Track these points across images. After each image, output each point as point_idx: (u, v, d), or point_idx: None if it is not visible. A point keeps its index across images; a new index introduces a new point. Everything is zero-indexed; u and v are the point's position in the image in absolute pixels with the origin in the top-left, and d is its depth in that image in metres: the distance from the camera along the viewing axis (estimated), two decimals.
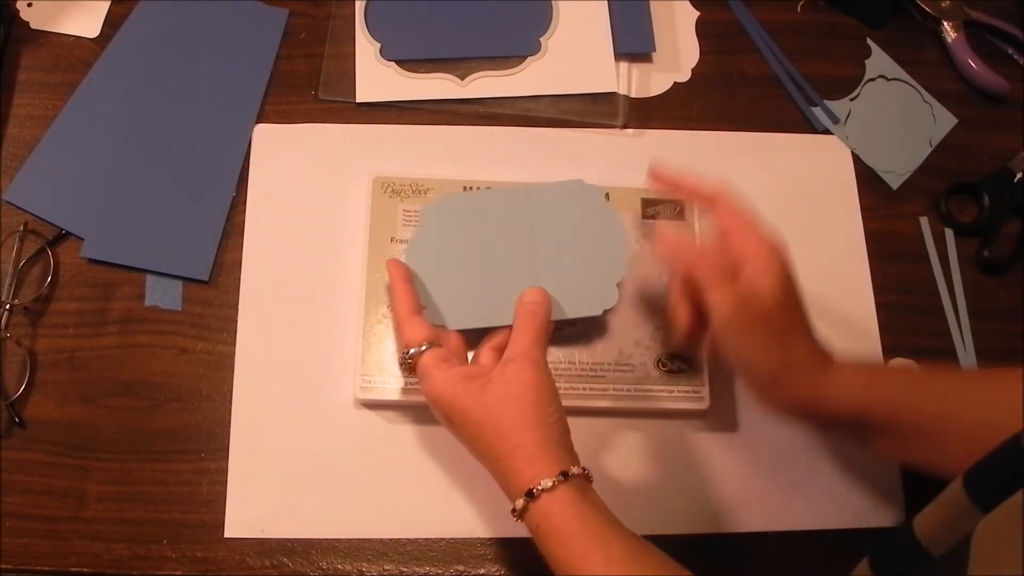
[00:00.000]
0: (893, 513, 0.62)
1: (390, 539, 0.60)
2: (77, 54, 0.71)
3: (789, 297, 0.55)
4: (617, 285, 0.61)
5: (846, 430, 0.57)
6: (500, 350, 0.57)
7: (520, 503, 0.50)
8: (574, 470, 0.50)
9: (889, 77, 0.76)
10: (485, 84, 0.72)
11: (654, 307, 0.64)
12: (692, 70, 0.75)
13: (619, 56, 0.73)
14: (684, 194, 0.63)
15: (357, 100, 0.71)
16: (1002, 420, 0.50)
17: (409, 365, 0.56)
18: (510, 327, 0.57)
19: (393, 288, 0.59)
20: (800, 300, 0.56)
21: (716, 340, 0.56)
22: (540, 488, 0.49)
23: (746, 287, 0.54)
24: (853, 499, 0.63)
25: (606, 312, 0.61)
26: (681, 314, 0.59)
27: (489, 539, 0.60)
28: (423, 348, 0.56)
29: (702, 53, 0.75)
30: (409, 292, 0.59)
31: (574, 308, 0.60)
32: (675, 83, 0.74)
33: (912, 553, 0.44)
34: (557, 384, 0.61)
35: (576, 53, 0.73)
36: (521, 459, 0.51)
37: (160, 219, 0.66)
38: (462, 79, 0.72)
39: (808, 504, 0.63)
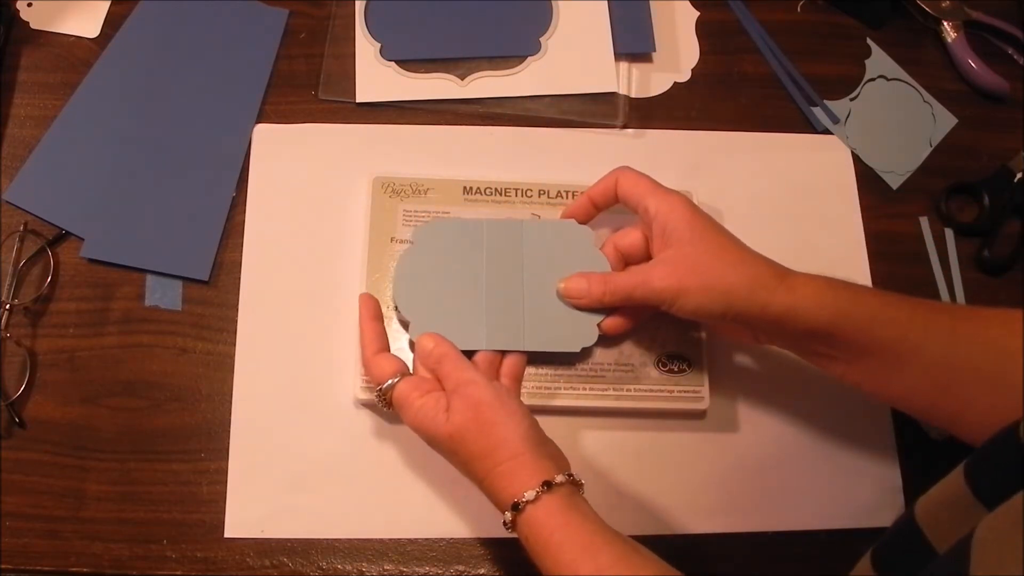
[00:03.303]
0: (893, 513, 0.62)
1: (390, 539, 0.60)
2: (77, 54, 0.71)
3: (706, 226, 0.56)
4: (598, 325, 0.61)
5: (814, 345, 0.55)
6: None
7: (508, 516, 0.51)
8: (558, 478, 0.50)
9: (889, 77, 0.76)
10: (485, 84, 0.72)
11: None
12: (692, 70, 0.75)
13: (619, 56, 0.73)
14: (599, 198, 0.62)
15: (357, 100, 0.71)
16: (963, 357, 0.51)
17: (385, 400, 0.57)
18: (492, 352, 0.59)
19: (361, 325, 0.60)
20: (724, 230, 0.57)
21: (667, 309, 0.57)
22: (524, 500, 0.50)
23: (659, 231, 0.56)
24: (853, 499, 0.63)
25: (584, 349, 0.61)
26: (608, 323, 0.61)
27: (489, 539, 0.60)
28: (395, 381, 0.56)
29: (702, 53, 0.75)
30: (375, 330, 0.59)
31: (553, 342, 0.60)
32: (675, 83, 0.74)
33: (914, 549, 0.44)
34: (557, 384, 0.62)
35: (576, 53, 0.73)
36: (501, 476, 0.51)
37: (160, 219, 0.66)
38: (462, 79, 0.72)
39: (808, 504, 0.63)
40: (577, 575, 0.48)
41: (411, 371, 0.58)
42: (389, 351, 0.59)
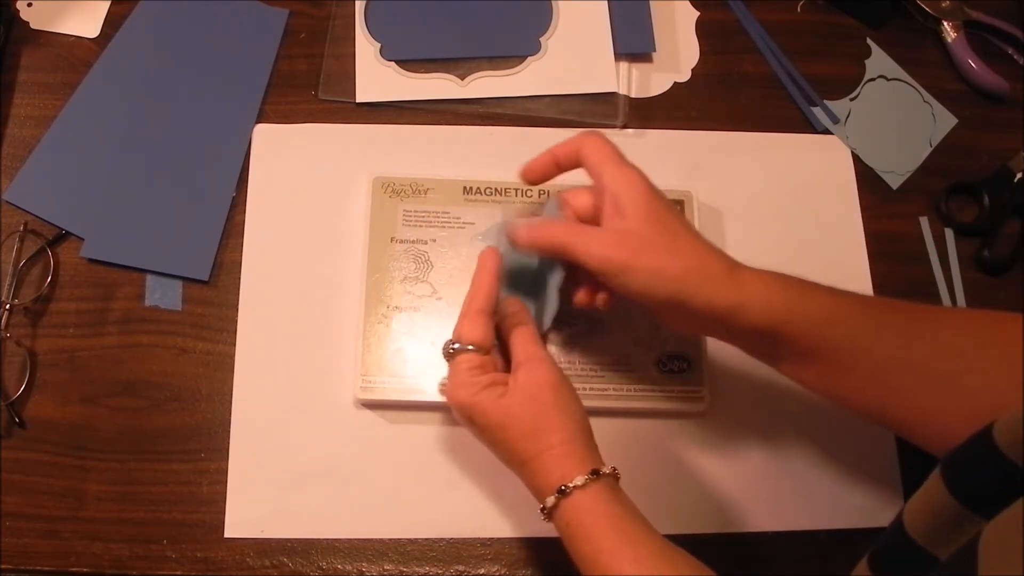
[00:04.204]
0: (893, 513, 0.62)
1: (390, 539, 0.60)
2: (77, 54, 0.71)
3: (663, 207, 0.54)
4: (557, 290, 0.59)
5: (758, 344, 0.54)
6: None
7: (551, 500, 0.50)
8: (605, 469, 0.50)
9: (889, 77, 0.76)
10: (485, 84, 0.72)
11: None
12: (692, 70, 0.75)
13: (619, 56, 0.73)
14: (563, 158, 0.58)
15: (357, 100, 0.71)
16: (914, 360, 0.50)
17: (449, 354, 0.56)
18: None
19: (477, 278, 0.57)
20: (680, 215, 0.55)
21: (616, 289, 0.54)
22: (572, 485, 0.50)
23: (611, 202, 0.54)
24: (853, 499, 0.63)
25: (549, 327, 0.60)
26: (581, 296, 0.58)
27: (489, 539, 0.60)
28: (468, 348, 0.54)
29: (702, 53, 0.75)
30: (489, 289, 0.56)
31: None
32: (675, 83, 0.74)
33: (908, 552, 0.44)
34: None
35: (576, 53, 0.73)
36: (551, 459, 0.51)
37: (160, 219, 0.66)
38: (462, 79, 0.72)
39: (808, 504, 0.63)
40: (615, 564, 0.48)
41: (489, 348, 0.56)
42: (491, 317, 0.56)
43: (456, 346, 0.55)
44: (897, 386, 0.51)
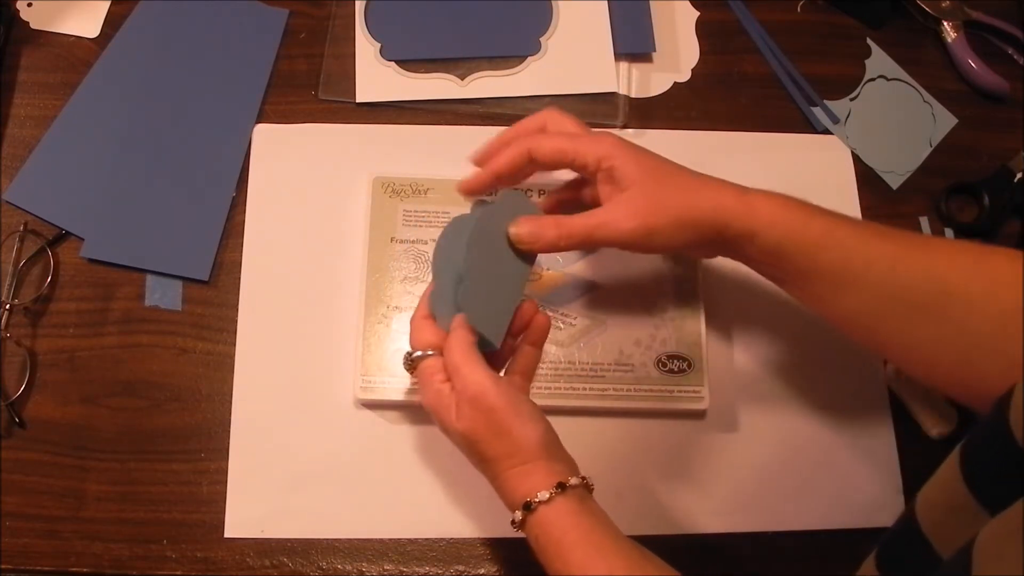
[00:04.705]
0: (893, 513, 0.62)
1: (390, 539, 0.60)
2: (77, 54, 0.71)
3: (652, 160, 0.55)
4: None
5: (765, 261, 0.55)
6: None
7: (519, 515, 0.50)
8: (572, 480, 0.50)
9: (889, 77, 0.76)
10: (485, 84, 0.72)
11: (654, 307, 0.64)
12: (692, 70, 0.75)
13: (619, 56, 0.73)
14: (505, 171, 0.58)
15: (357, 100, 0.71)
16: (902, 287, 0.51)
17: (410, 366, 0.55)
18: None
19: (430, 285, 0.57)
20: (668, 161, 0.56)
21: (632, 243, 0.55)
22: (537, 500, 0.49)
23: (605, 179, 0.55)
24: (853, 499, 0.63)
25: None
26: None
27: (489, 539, 0.60)
28: (428, 353, 0.54)
29: (702, 53, 0.75)
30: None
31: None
32: (675, 83, 0.74)
33: (919, 553, 0.44)
34: (557, 384, 0.62)
35: (576, 53, 0.73)
36: (515, 477, 0.50)
37: (160, 219, 0.66)
38: (462, 79, 0.72)
39: (808, 504, 0.63)
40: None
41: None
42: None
43: (417, 354, 0.54)
44: (884, 311, 0.52)
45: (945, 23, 0.77)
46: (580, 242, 0.56)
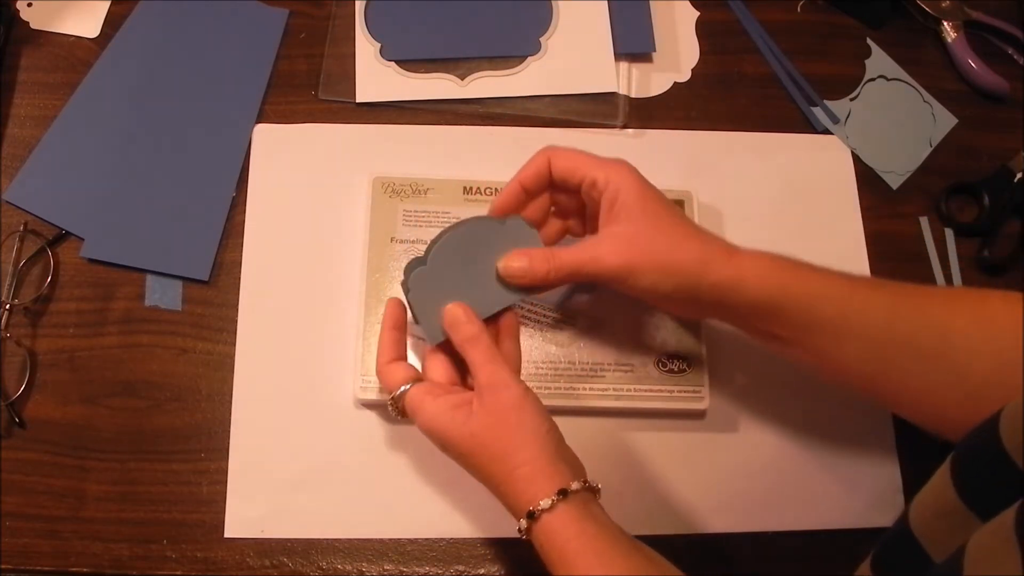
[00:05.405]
0: (893, 513, 0.62)
1: (390, 539, 0.60)
2: (77, 54, 0.71)
3: (655, 200, 0.55)
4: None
5: (755, 321, 0.55)
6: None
7: (523, 524, 0.50)
8: (574, 486, 0.49)
9: (889, 77, 0.76)
10: (485, 84, 0.72)
11: (654, 307, 0.64)
12: (692, 70, 0.75)
13: (619, 56, 0.73)
14: (530, 182, 0.58)
15: (357, 100, 0.71)
16: (901, 334, 0.51)
17: (398, 409, 0.56)
18: None
19: (381, 332, 0.57)
20: (671, 204, 0.56)
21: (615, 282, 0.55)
22: (539, 508, 0.49)
23: (608, 205, 0.55)
24: (853, 499, 0.63)
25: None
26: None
27: (489, 539, 0.60)
28: (407, 388, 0.54)
29: (702, 53, 0.75)
30: (392, 339, 0.57)
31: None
32: (675, 83, 0.74)
33: (912, 557, 0.44)
34: (557, 384, 0.62)
35: (576, 53, 0.73)
36: (518, 480, 0.50)
37: (160, 219, 0.66)
38: (462, 79, 0.72)
39: (808, 504, 0.63)
40: None
41: (421, 377, 0.56)
42: (405, 360, 0.57)
43: (395, 394, 0.55)
44: (886, 362, 0.52)
45: (945, 23, 0.77)
46: (569, 276, 0.56)
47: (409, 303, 0.56)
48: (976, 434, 0.41)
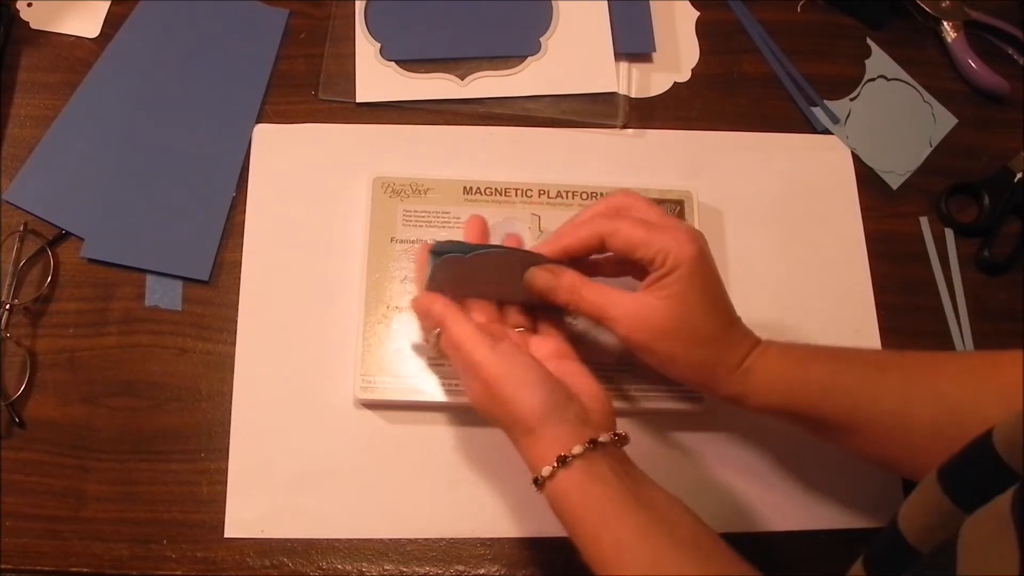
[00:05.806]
0: (893, 513, 0.62)
1: (390, 539, 0.60)
2: (77, 54, 0.71)
3: (697, 285, 0.54)
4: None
5: (770, 416, 0.57)
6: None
7: (547, 471, 0.50)
8: (575, 450, 0.49)
9: (889, 77, 0.76)
10: (485, 84, 0.72)
11: None
12: (692, 70, 0.75)
13: (619, 56, 0.73)
14: (572, 252, 0.57)
15: (357, 100, 0.71)
16: (916, 416, 0.52)
17: (437, 346, 0.56)
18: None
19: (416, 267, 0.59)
20: (713, 294, 0.55)
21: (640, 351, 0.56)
22: (542, 476, 0.50)
23: (656, 273, 0.54)
24: (853, 499, 0.63)
25: None
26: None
27: (489, 539, 0.60)
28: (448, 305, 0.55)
29: (702, 53, 0.75)
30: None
31: None
32: (675, 83, 0.74)
33: (901, 552, 0.44)
34: None
35: (576, 53, 0.73)
36: (523, 450, 0.51)
37: (160, 219, 0.66)
38: (462, 79, 0.72)
39: (808, 504, 0.63)
40: (599, 548, 0.48)
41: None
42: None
43: (437, 307, 0.55)
44: (903, 444, 0.52)
45: (945, 23, 0.77)
46: (590, 313, 0.56)
47: (431, 270, 0.56)
48: (964, 450, 0.41)
